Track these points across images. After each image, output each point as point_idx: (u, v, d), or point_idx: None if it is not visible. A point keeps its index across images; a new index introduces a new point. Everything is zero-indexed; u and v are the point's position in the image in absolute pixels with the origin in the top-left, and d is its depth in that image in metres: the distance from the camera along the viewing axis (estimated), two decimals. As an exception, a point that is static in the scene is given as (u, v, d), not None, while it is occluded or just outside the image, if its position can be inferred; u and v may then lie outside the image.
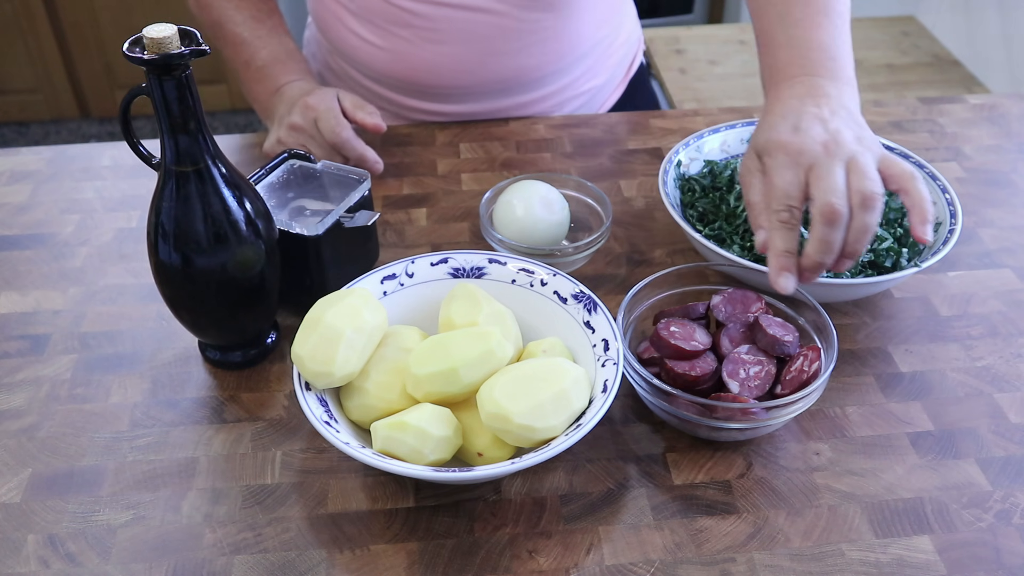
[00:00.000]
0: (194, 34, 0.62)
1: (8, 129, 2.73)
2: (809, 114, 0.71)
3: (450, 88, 1.05)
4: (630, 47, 1.19)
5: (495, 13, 0.99)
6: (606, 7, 1.09)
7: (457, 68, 1.03)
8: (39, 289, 0.85)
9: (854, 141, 0.70)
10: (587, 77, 1.11)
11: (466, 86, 1.04)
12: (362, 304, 0.66)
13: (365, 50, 1.05)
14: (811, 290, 0.75)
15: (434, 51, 1.01)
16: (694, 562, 0.62)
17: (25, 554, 0.63)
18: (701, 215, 0.87)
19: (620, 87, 1.19)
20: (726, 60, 2.22)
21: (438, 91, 1.05)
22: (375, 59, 1.04)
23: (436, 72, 1.03)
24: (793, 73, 0.75)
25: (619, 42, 1.15)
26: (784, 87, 0.75)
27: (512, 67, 1.04)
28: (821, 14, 0.77)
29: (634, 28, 1.20)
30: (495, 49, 1.02)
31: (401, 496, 0.66)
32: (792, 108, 0.72)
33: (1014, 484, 0.67)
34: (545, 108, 1.10)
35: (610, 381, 0.65)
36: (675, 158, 0.89)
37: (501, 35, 1.01)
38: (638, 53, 1.22)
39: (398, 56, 1.03)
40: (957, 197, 0.83)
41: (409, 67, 1.03)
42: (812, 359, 0.68)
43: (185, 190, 0.66)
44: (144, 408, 0.73)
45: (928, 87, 2.06)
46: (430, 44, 1.01)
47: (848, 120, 0.72)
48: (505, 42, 1.01)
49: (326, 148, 0.95)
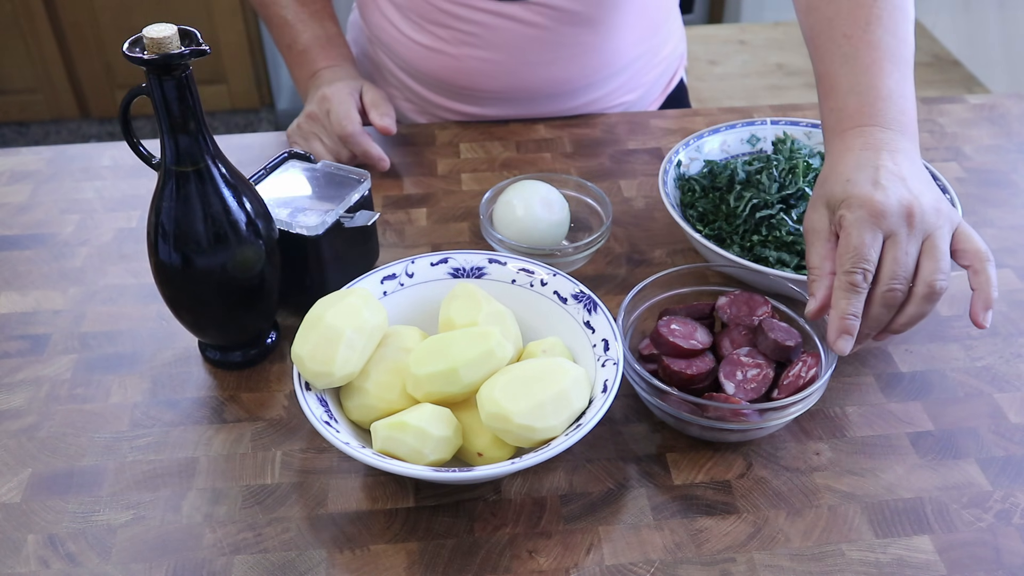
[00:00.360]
0: (194, 34, 0.62)
1: (8, 129, 2.73)
2: (886, 169, 0.66)
3: (481, 91, 1.05)
4: (671, 64, 1.17)
5: (534, 25, 0.99)
6: (648, 25, 1.07)
7: (490, 73, 1.02)
8: (39, 289, 0.85)
9: (934, 213, 0.65)
10: (621, 92, 1.10)
11: (497, 91, 1.04)
12: (362, 304, 0.66)
13: (402, 43, 1.05)
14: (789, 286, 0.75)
15: (469, 54, 1.01)
16: (694, 562, 0.62)
17: (25, 554, 0.63)
18: (701, 215, 0.87)
19: (656, 103, 1.18)
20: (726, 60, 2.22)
21: (469, 93, 1.05)
22: (410, 53, 1.05)
23: (468, 74, 1.03)
24: (862, 122, 0.70)
25: (659, 59, 1.13)
26: (852, 136, 0.70)
27: (545, 77, 1.03)
28: (890, 61, 0.72)
29: (678, 45, 1.18)
30: (529, 59, 1.01)
31: (401, 496, 0.66)
32: (867, 160, 0.67)
33: (1014, 484, 0.67)
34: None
35: (610, 381, 0.65)
36: (675, 158, 0.89)
37: (537, 46, 1.00)
38: (679, 70, 1.20)
39: (433, 54, 1.03)
40: (957, 197, 0.83)
41: (442, 66, 1.03)
42: (811, 365, 0.68)
43: (185, 190, 0.66)
44: (144, 408, 0.73)
45: (928, 87, 2.06)
46: (466, 47, 1.01)
47: (926, 183, 0.67)
48: (540, 53, 1.01)
49: (335, 140, 0.96)
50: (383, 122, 0.96)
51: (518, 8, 0.98)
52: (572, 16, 0.99)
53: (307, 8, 1.04)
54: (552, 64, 1.02)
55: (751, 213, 0.83)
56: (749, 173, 0.87)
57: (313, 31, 1.03)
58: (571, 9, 0.98)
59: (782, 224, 0.81)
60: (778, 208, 0.82)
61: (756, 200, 0.83)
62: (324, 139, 0.96)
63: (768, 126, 0.94)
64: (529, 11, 0.98)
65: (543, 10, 0.98)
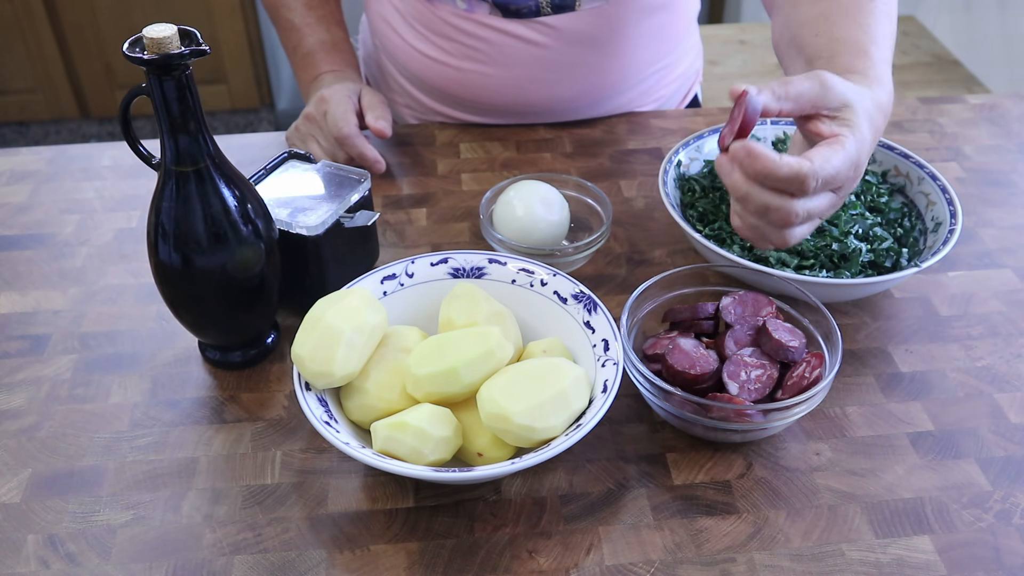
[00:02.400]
0: (194, 34, 0.62)
1: (8, 129, 2.73)
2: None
3: (483, 105, 1.05)
4: (685, 81, 1.15)
5: (539, 44, 0.98)
6: (661, 45, 1.05)
7: (493, 88, 1.02)
8: (39, 289, 0.85)
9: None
10: (630, 107, 1.09)
11: (499, 105, 1.04)
12: (362, 304, 0.66)
13: (405, 51, 1.05)
14: (812, 289, 0.75)
15: (472, 68, 1.01)
16: (694, 562, 0.62)
17: (25, 554, 0.63)
18: (701, 215, 0.86)
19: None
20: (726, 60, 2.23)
21: (471, 105, 1.05)
22: (413, 62, 1.05)
23: (470, 88, 1.03)
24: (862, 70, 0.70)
25: (672, 77, 1.11)
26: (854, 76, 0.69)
27: (549, 95, 1.03)
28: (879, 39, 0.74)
29: (695, 61, 1.16)
30: (534, 77, 1.01)
31: (401, 496, 0.66)
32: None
33: (1014, 484, 0.67)
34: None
35: (610, 381, 0.65)
36: (675, 158, 0.89)
37: (542, 64, 1.00)
38: (694, 86, 1.19)
39: (436, 65, 1.03)
40: (957, 197, 0.83)
41: (445, 78, 1.03)
42: (814, 366, 0.68)
43: (185, 190, 0.66)
44: (144, 408, 0.73)
45: (928, 87, 2.06)
46: (469, 61, 1.01)
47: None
48: (545, 71, 1.01)
49: (332, 142, 0.96)
50: (378, 124, 0.96)
51: (523, 27, 0.97)
52: (579, 37, 0.98)
53: (314, 12, 1.04)
54: (557, 83, 1.02)
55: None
56: None
57: (318, 35, 1.04)
58: (578, 30, 0.97)
59: None
60: None
61: None
62: (321, 141, 0.96)
63: (768, 126, 0.94)
64: (534, 31, 0.97)
65: (549, 30, 0.97)
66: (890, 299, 0.83)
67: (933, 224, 0.84)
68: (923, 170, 0.88)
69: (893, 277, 0.75)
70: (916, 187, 0.88)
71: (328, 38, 1.04)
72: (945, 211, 0.83)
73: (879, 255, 0.80)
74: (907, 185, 0.89)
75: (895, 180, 0.90)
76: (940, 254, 0.77)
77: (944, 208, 0.83)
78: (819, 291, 0.76)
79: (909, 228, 0.84)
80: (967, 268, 0.87)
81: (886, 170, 0.91)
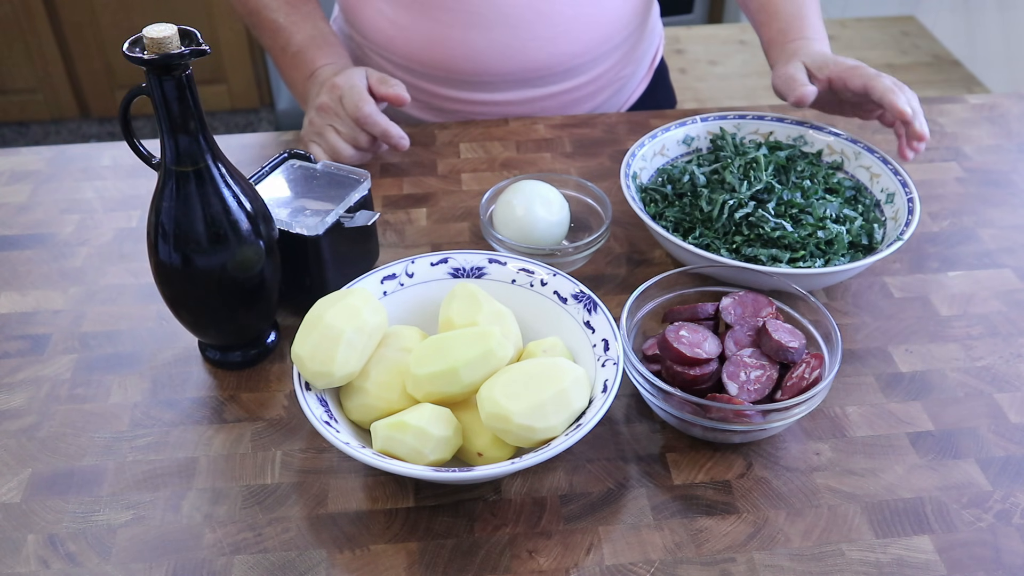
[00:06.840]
0: (194, 34, 0.62)
1: (8, 129, 2.73)
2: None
3: (489, 75, 1.04)
4: (654, 37, 1.19)
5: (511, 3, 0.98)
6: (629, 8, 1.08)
7: (498, 54, 1.01)
8: (39, 289, 0.85)
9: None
10: (621, 64, 1.11)
11: (505, 72, 1.03)
12: (362, 304, 0.66)
13: (397, 35, 1.04)
14: (809, 281, 0.76)
15: (475, 36, 1.00)
16: (694, 562, 0.62)
17: (25, 554, 0.63)
18: (675, 224, 0.86)
19: (647, 77, 1.20)
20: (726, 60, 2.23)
21: (475, 78, 1.04)
22: (408, 44, 1.04)
23: (475, 58, 1.02)
24: (804, 35, 0.96)
25: (646, 31, 1.15)
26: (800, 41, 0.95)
27: (549, 53, 1.03)
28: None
29: (657, 19, 1.21)
30: (537, 34, 1.01)
31: (401, 496, 0.66)
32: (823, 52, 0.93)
33: (1014, 484, 0.67)
34: (577, 97, 1.10)
35: (610, 381, 0.65)
36: (629, 171, 0.88)
37: (543, 20, 1.00)
38: (660, 44, 1.23)
39: (434, 41, 1.02)
40: (907, 174, 0.86)
41: (446, 53, 1.02)
42: (814, 367, 0.68)
43: (185, 190, 0.66)
44: (144, 408, 0.73)
45: (928, 87, 2.06)
46: (471, 29, 1.00)
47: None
48: (547, 27, 1.01)
49: (351, 126, 0.94)
50: (395, 91, 0.94)
51: None
52: None
53: (298, 11, 1.03)
54: (555, 39, 1.02)
55: (729, 215, 0.83)
56: (707, 174, 0.88)
57: (306, 32, 1.02)
58: None
59: (763, 221, 0.81)
60: (753, 205, 0.83)
61: (732, 201, 0.83)
62: (340, 127, 0.94)
63: (785, 124, 0.94)
64: None
65: None
66: (890, 299, 0.83)
67: (885, 196, 0.86)
68: (858, 145, 0.90)
69: (886, 254, 0.77)
70: (855, 162, 0.90)
71: (317, 33, 1.03)
72: (893, 181, 0.85)
73: (854, 234, 0.81)
74: (844, 161, 0.91)
75: (830, 159, 0.92)
76: (912, 224, 0.80)
77: (891, 178, 0.85)
78: (818, 281, 0.77)
79: (869, 204, 0.86)
80: (967, 268, 0.87)
81: (820, 150, 0.92)
